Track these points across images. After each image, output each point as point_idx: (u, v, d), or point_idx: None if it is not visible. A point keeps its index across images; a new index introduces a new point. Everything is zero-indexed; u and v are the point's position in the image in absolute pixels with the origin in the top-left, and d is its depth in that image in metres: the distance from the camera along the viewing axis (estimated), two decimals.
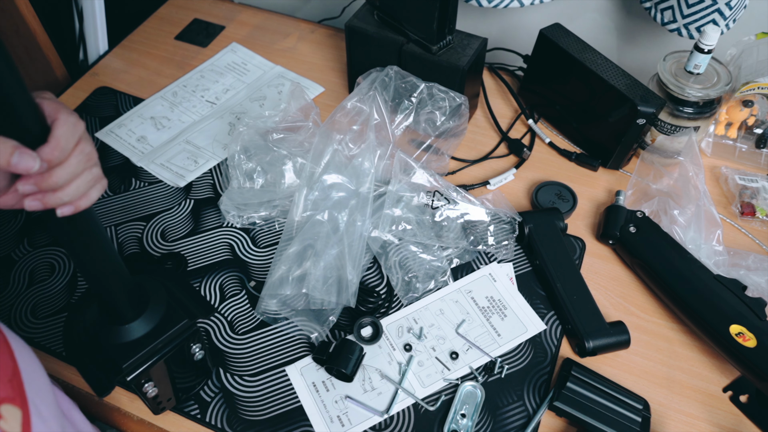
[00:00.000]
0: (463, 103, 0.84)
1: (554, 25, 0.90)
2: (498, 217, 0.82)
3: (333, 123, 0.85)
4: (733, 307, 0.69)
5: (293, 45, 1.11)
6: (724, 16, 0.81)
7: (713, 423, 0.67)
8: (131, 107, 1.00)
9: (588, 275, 0.78)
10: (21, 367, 0.37)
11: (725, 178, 0.87)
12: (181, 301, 0.58)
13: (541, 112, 0.98)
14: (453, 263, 0.79)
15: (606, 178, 0.90)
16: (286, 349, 0.72)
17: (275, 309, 0.74)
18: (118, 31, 1.14)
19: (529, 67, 0.96)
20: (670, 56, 0.85)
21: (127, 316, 0.53)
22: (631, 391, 0.66)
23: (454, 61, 0.84)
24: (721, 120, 0.89)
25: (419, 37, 0.84)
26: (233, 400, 0.68)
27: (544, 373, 0.70)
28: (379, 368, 0.70)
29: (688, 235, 0.77)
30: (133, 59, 1.10)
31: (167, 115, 0.99)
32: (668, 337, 0.74)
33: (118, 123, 0.98)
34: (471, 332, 0.73)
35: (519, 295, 0.76)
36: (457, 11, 0.83)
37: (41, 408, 0.37)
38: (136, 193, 0.88)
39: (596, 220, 0.85)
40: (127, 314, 0.53)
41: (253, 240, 0.82)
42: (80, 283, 0.78)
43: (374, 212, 0.80)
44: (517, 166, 0.91)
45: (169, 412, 0.67)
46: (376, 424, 0.66)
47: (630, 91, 0.80)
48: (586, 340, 0.69)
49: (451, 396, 0.68)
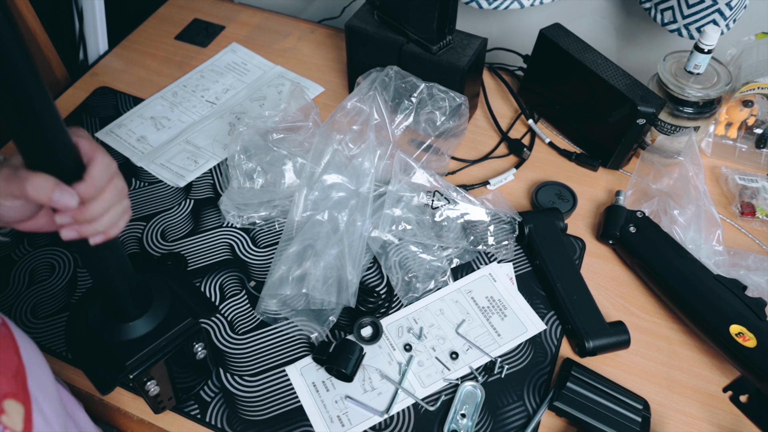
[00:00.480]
0: (463, 103, 0.84)
1: (554, 25, 0.90)
2: (498, 217, 0.82)
3: (333, 123, 0.85)
4: (733, 307, 0.69)
5: (293, 45, 1.12)
6: (725, 16, 0.81)
7: (713, 423, 0.67)
8: (131, 107, 1.00)
9: (588, 275, 0.78)
10: (26, 363, 0.37)
11: (725, 178, 0.87)
12: (184, 300, 0.58)
13: (541, 112, 0.98)
14: (453, 263, 0.79)
15: (606, 178, 0.90)
16: (286, 349, 0.72)
17: (275, 309, 0.74)
18: (118, 31, 1.14)
19: (529, 67, 0.96)
20: (670, 56, 0.85)
21: (131, 314, 0.53)
22: (631, 391, 0.66)
23: (454, 61, 0.84)
24: (721, 120, 0.89)
25: (419, 37, 0.84)
26: (233, 400, 0.68)
27: (544, 373, 0.70)
28: (379, 368, 0.70)
29: (688, 235, 0.77)
30: (133, 59, 1.10)
31: (167, 115, 0.99)
32: (668, 337, 0.74)
33: (118, 123, 0.98)
34: (471, 332, 0.73)
35: (519, 295, 0.76)
36: (457, 11, 0.83)
37: (44, 405, 0.37)
38: (136, 193, 0.88)
39: (596, 220, 0.85)
40: (131, 312, 0.53)
41: (253, 240, 0.82)
42: (80, 283, 0.78)
43: (374, 212, 0.80)
44: (517, 166, 0.91)
45: (169, 412, 0.67)
46: (376, 424, 0.66)
47: (630, 91, 0.80)
48: (586, 340, 0.69)
49: (451, 396, 0.68)
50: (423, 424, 0.66)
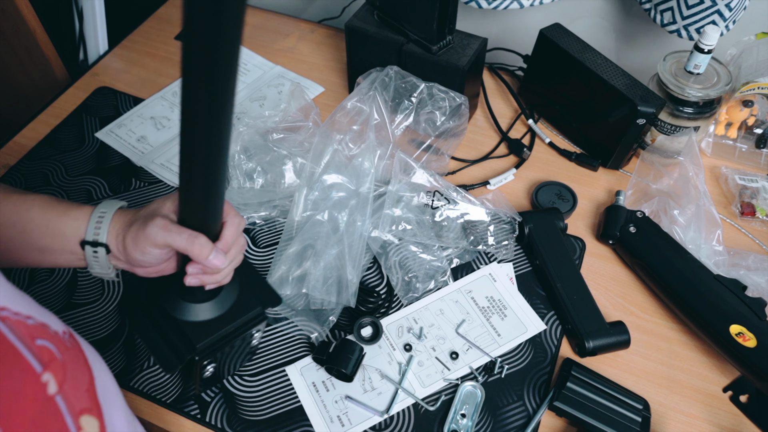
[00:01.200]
0: (463, 103, 0.84)
1: (554, 25, 0.90)
2: (498, 217, 0.82)
3: (333, 123, 0.85)
4: (733, 307, 0.69)
5: (293, 45, 1.11)
6: (724, 17, 0.81)
7: (713, 423, 0.67)
8: (131, 107, 1.00)
9: (588, 275, 0.78)
10: (95, 375, 0.37)
11: (725, 178, 0.87)
12: (251, 288, 0.58)
13: (541, 112, 0.98)
14: (453, 263, 0.79)
15: (606, 178, 0.90)
16: (286, 349, 0.72)
17: (275, 309, 0.74)
18: (118, 31, 1.14)
19: (529, 67, 0.96)
20: (670, 56, 0.85)
21: (203, 296, 0.54)
22: (631, 391, 0.66)
23: (454, 61, 0.84)
24: (721, 120, 0.89)
25: (419, 37, 0.84)
26: (233, 400, 0.68)
27: (544, 373, 0.70)
28: (379, 368, 0.70)
29: (688, 235, 0.77)
30: (133, 59, 1.10)
31: (167, 115, 0.99)
32: (668, 337, 0.74)
33: (118, 123, 0.98)
34: (471, 332, 0.73)
35: (519, 295, 0.76)
36: (457, 11, 0.83)
37: (114, 418, 0.37)
38: (137, 193, 0.88)
39: (596, 220, 0.85)
40: (203, 294, 0.54)
41: (253, 240, 0.82)
42: (80, 283, 0.78)
43: (374, 212, 0.80)
44: (517, 166, 0.91)
45: (168, 412, 0.67)
46: (376, 424, 0.66)
47: (630, 91, 0.80)
48: (586, 340, 0.69)
49: (451, 396, 0.68)
50: (423, 424, 0.66)
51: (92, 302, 0.76)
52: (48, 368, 0.30)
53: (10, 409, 0.28)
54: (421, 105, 0.86)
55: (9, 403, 0.28)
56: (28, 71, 1.14)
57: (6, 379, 0.28)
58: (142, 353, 0.71)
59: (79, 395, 0.33)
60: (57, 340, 0.32)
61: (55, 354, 0.32)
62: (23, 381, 0.29)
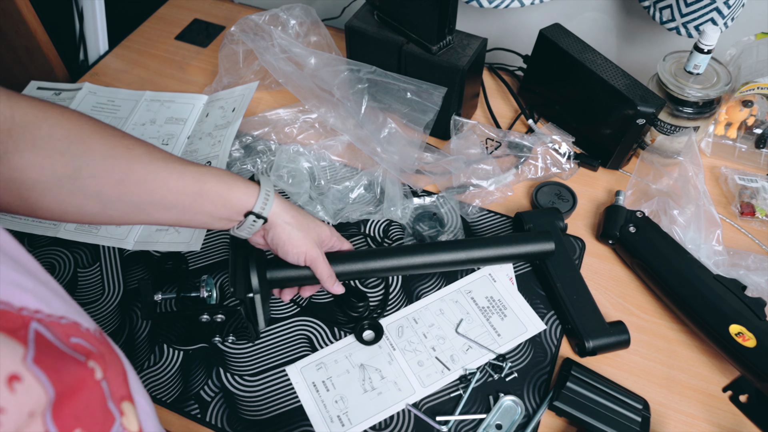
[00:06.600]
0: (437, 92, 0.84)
1: (554, 25, 0.90)
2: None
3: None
4: (732, 307, 0.69)
5: None
6: (722, 14, 0.81)
7: (713, 423, 0.67)
8: None
9: (588, 275, 0.78)
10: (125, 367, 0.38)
11: (725, 178, 0.87)
12: None
13: (541, 112, 0.98)
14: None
15: (606, 178, 0.90)
16: (286, 349, 0.72)
17: (276, 308, 0.74)
18: (118, 31, 1.14)
19: (529, 67, 0.96)
20: (670, 56, 0.85)
21: None
22: (631, 391, 0.66)
23: (454, 61, 0.84)
24: (720, 120, 0.89)
25: (419, 37, 0.84)
26: (233, 399, 0.68)
27: (544, 373, 0.70)
28: (379, 368, 0.70)
29: (687, 235, 0.77)
30: (133, 59, 1.10)
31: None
32: (668, 337, 0.74)
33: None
34: (471, 332, 0.73)
35: (519, 295, 0.76)
36: (457, 11, 0.83)
37: (143, 404, 0.38)
38: None
39: (596, 220, 0.85)
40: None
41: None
42: (80, 283, 0.78)
43: (373, 213, 0.80)
44: (517, 166, 0.91)
45: (169, 412, 0.68)
46: (376, 424, 0.66)
47: (630, 91, 0.80)
48: (586, 339, 0.69)
49: (455, 396, 0.68)
50: (423, 423, 0.66)
51: (92, 302, 0.76)
52: (90, 357, 0.32)
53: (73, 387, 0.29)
54: (405, 104, 0.85)
55: (71, 383, 0.29)
56: (29, 71, 1.14)
57: (61, 362, 0.29)
58: (143, 353, 0.72)
59: (118, 382, 0.35)
60: (89, 336, 0.34)
61: (91, 349, 0.33)
62: (77, 365, 0.31)
